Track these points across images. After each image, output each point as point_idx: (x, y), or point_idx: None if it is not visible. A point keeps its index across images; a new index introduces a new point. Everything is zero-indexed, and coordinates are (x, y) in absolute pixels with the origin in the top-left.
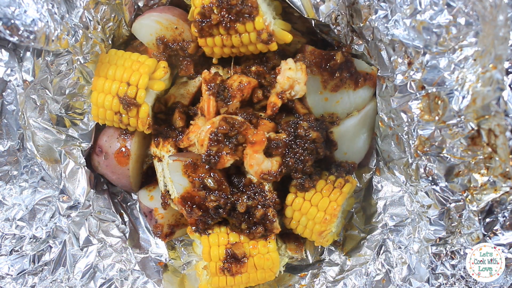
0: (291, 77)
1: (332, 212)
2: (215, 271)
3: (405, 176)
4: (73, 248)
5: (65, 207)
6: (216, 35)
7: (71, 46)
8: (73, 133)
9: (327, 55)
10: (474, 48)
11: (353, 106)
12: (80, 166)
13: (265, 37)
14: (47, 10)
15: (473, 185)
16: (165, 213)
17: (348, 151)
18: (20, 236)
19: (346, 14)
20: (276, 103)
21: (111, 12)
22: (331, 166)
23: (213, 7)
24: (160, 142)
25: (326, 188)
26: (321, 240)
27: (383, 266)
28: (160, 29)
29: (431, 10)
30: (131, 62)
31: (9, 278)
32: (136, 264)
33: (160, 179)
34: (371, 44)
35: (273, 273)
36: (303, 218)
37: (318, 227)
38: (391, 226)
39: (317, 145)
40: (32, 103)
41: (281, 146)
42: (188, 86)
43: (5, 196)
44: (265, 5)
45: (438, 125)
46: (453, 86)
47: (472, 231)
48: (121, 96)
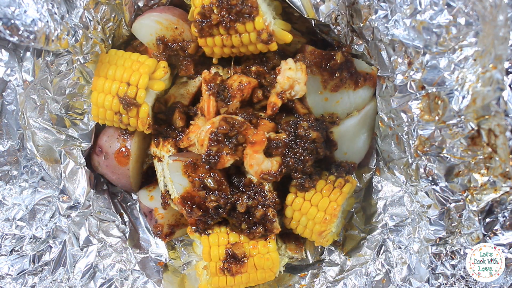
0: (291, 77)
1: (332, 212)
2: (215, 271)
3: (405, 176)
4: (73, 248)
5: (65, 207)
6: (216, 35)
7: (71, 46)
8: (73, 133)
9: (327, 55)
10: (474, 48)
11: (353, 106)
12: (80, 166)
13: (265, 37)
14: (47, 10)
15: (473, 185)
16: (165, 213)
17: (348, 151)
18: (20, 236)
19: (346, 14)
20: (276, 103)
21: (111, 12)
22: (331, 166)
23: (213, 7)
24: (160, 142)
25: (326, 188)
26: (321, 240)
27: (383, 266)
28: (160, 29)
29: (431, 10)
30: (131, 62)
31: (9, 278)
32: (136, 264)
33: (160, 179)
34: (371, 44)
35: (273, 273)
36: (303, 218)
37: (318, 227)
38: (391, 226)
39: (317, 145)
40: (32, 103)
41: (281, 146)
42: (188, 86)
43: (5, 196)
44: (265, 5)
45: (438, 125)
46: (453, 86)
47: (472, 231)
48: (121, 96)
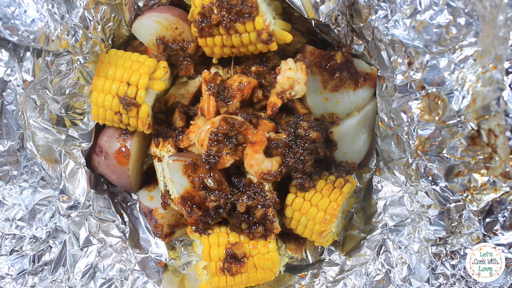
0: (291, 77)
1: (332, 212)
2: (215, 271)
3: (405, 176)
4: (73, 248)
5: (65, 207)
6: (216, 35)
7: (71, 46)
8: (73, 133)
9: (327, 55)
10: (474, 48)
11: (353, 106)
12: (80, 166)
13: (265, 37)
14: (47, 10)
15: (473, 185)
16: (165, 213)
17: (348, 151)
18: (20, 236)
19: (346, 14)
20: (276, 103)
21: (111, 12)
22: (331, 166)
23: (213, 7)
24: (160, 142)
25: (326, 188)
26: (321, 240)
27: (383, 266)
28: (160, 29)
29: (431, 10)
30: (131, 62)
31: (9, 278)
32: (136, 264)
33: (160, 179)
34: (371, 44)
35: (273, 273)
36: (303, 218)
37: (318, 227)
38: (391, 226)
39: (317, 145)
40: (32, 103)
41: (281, 146)
42: (188, 86)
43: (5, 196)
44: (265, 5)
45: (438, 125)
46: (453, 86)
47: (472, 231)
48: (121, 96)
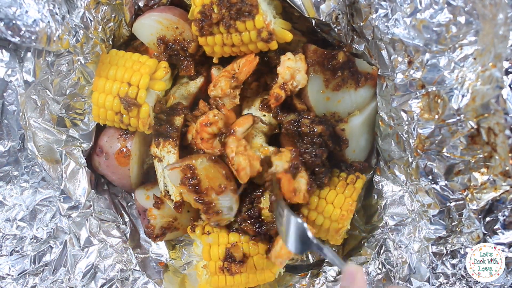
0: (291, 66)
1: (348, 208)
2: (214, 271)
3: (405, 175)
4: (73, 248)
5: (65, 208)
6: (216, 33)
7: (72, 47)
8: (73, 133)
9: (329, 54)
10: (474, 46)
11: (354, 105)
12: (81, 166)
13: (265, 35)
14: (48, 11)
15: (473, 184)
16: (158, 215)
17: (356, 149)
18: (21, 237)
19: (346, 13)
20: (279, 93)
21: (112, 12)
22: (341, 165)
23: (213, 5)
24: (161, 142)
25: (339, 185)
26: (337, 237)
27: (383, 266)
28: (160, 29)
29: (431, 9)
30: (132, 63)
31: (10, 279)
32: (137, 264)
33: (160, 179)
34: (372, 43)
35: (272, 274)
36: (319, 217)
37: (335, 225)
38: (391, 225)
39: (324, 138)
40: (32, 103)
41: (297, 162)
42: (189, 87)
43: (6, 197)
44: (265, 4)
45: (437, 123)
46: (453, 84)
47: (472, 230)
48: (122, 96)
